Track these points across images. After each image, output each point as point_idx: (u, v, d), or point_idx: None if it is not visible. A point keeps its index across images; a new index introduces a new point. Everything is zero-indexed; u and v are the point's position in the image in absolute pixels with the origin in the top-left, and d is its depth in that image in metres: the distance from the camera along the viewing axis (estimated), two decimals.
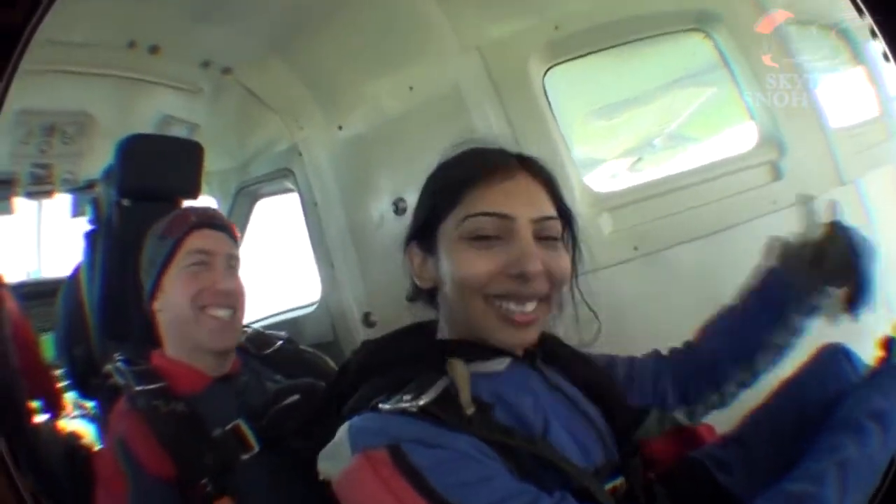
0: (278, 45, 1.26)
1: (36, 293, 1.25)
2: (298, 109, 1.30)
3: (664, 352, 0.86)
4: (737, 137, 1.22)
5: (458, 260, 0.66)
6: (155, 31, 1.24)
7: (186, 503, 0.84)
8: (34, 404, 1.04)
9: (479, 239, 0.65)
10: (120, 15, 1.22)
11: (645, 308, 1.09)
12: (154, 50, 1.27)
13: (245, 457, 0.88)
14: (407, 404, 0.60)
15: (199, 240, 0.97)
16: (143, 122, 1.34)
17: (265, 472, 0.89)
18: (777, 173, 1.18)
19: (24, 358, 0.95)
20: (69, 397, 1.15)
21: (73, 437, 1.06)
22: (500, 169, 0.67)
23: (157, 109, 1.34)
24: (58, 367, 1.16)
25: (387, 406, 0.61)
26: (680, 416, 0.81)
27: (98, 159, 1.28)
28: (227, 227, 1.02)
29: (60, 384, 1.14)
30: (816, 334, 0.80)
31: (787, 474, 0.62)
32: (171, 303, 0.96)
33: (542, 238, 0.66)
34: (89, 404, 1.13)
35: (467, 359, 0.64)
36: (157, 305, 0.98)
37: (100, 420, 1.05)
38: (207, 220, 1.00)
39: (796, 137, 1.17)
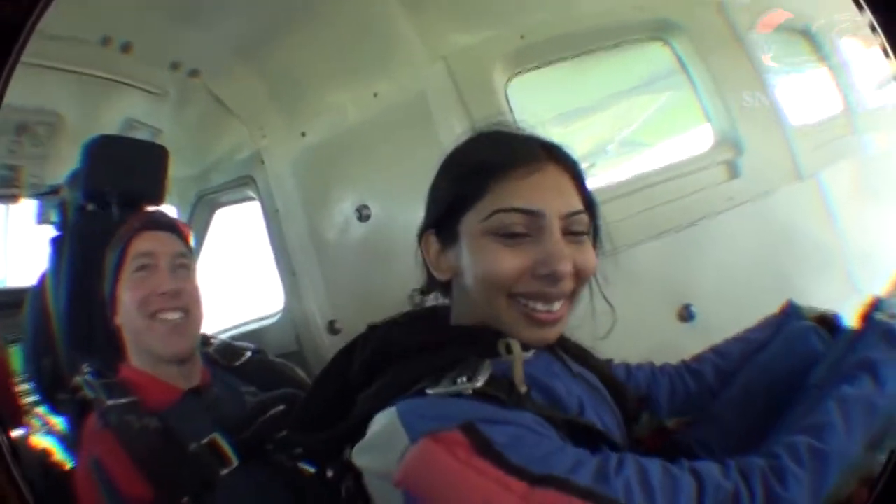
0: (246, 51, 1.27)
1: (2, 303, 1.22)
2: (262, 116, 1.30)
3: (657, 364, 0.85)
4: (691, 141, 1.25)
5: (483, 256, 0.63)
6: (130, 28, 1.24)
7: None
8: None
9: (508, 236, 0.62)
10: (97, 8, 1.22)
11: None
12: (126, 48, 1.26)
13: (224, 472, 0.86)
14: (461, 387, 0.57)
15: (142, 242, 0.96)
16: (109, 124, 1.33)
17: (245, 486, 0.87)
18: (734, 171, 1.20)
19: None
20: (39, 412, 1.10)
21: (45, 455, 1.02)
22: (530, 158, 0.64)
23: (121, 112, 1.33)
24: (26, 380, 1.12)
25: (438, 390, 0.58)
26: (669, 423, 0.81)
27: (64, 163, 1.26)
28: (171, 225, 1.01)
29: (23, 397, 1.10)
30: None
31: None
32: (125, 313, 0.95)
33: (570, 233, 0.63)
34: (57, 420, 1.08)
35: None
36: (118, 320, 0.96)
37: (68, 437, 1.01)
38: (150, 222, 0.99)
39: (753, 136, 1.20)
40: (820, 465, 0.56)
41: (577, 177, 0.67)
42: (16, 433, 0.98)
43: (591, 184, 1.22)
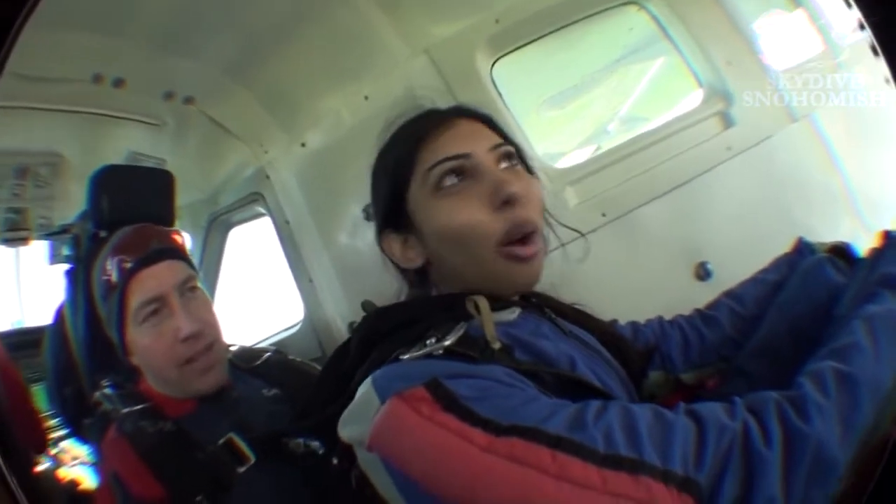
0: (235, 71, 1.29)
1: (21, 343, 1.22)
2: (261, 133, 1.33)
3: (667, 318, 0.84)
4: (686, 107, 1.26)
5: (442, 215, 0.65)
6: (118, 64, 1.27)
7: None
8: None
9: (451, 185, 0.65)
10: (84, 48, 1.24)
11: (620, 271, 1.10)
12: (119, 83, 1.28)
13: (241, 469, 0.86)
14: (431, 347, 0.58)
15: (142, 286, 0.89)
16: (111, 159, 1.34)
17: (263, 482, 0.86)
18: (728, 121, 1.21)
19: (13, 400, 0.94)
20: (66, 445, 1.11)
21: (73, 485, 1.03)
22: (439, 120, 0.69)
23: (123, 146, 1.36)
24: (51, 416, 1.13)
25: (410, 354, 0.58)
26: (686, 377, 0.79)
27: (71, 201, 1.28)
28: (166, 251, 0.93)
29: (51, 431, 1.11)
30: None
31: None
32: (147, 363, 0.91)
33: (506, 164, 0.67)
34: (85, 450, 1.08)
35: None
36: (134, 360, 0.92)
37: (95, 463, 1.01)
38: (143, 258, 0.91)
39: (741, 84, 1.21)
40: (849, 392, 0.49)
41: (490, 124, 0.71)
42: (40, 468, 1.03)
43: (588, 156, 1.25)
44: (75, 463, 1.08)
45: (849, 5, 0.72)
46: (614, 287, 1.01)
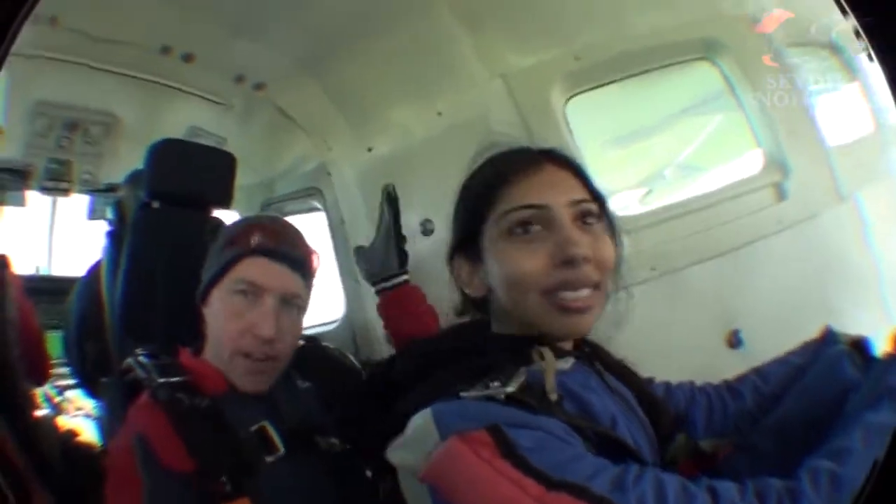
0: (312, 66, 1.29)
1: (44, 289, 1.24)
2: (328, 130, 1.33)
3: (698, 383, 0.88)
4: (744, 164, 1.30)
5: (505, 259, 0.68)
6: (191, 39, 1.26)
7: (202, 500, 0.81)
8: (38, 397, 1.06)
9: (522, 233, 0.67)
10: (157, 17, 1.24)
11: (656, 328, 1.15)
12: (188, 58, 1.28)
13: (269, 459, 0.86)
14: (493, 391, 0.61)
15: (251, 269, 0.89)
16: (170, 130, 1.34)
17: (289, 475, 0.87)
18: (781, 194, 1.26)
19: (26, 343, 0.94)
20: (71, 395, 1.15)
21: (70, 434, 1.06)
22: (528, 164, 0.71)
23: (185, 119, 1.35)
24: (64, 364, 1.15)
25: (472, 393, 0.61)
26: (706, 445, 0.84)
27: (120, 163, 1.29)
28: (294, 259, 0.92)
29: (56, 379, 1.14)
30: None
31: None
32: (211, 325, 0.93)
33: (581, 222, 0.68)
34: (91, 404, 1.12)
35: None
36: (204, 310, 0.94)
37: (103, 419, 1.05)
38: (270, 249, 0.90)
39: (799, 158, 1.25)
40: (835, 492, 0.57)
41: (578, 173, 0.72)
42: (40, 413, 1.05)
43: (646, 208, 1.29)
44: (78, 414, 1.12)
45: (844, 13, 0.75)
46: (647, 342, 1.06)
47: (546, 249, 0.66)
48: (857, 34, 0.74)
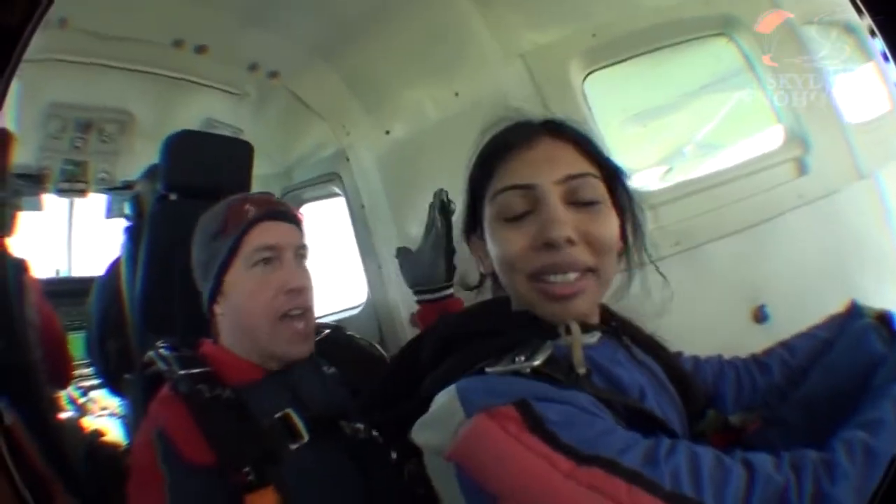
0: (325, 51, 1.29)
1: (64, 292, 1.25)
2: (345, 115, 1.33)
3: (725, 357, 0.87)
4: (762, 141, 1.29)
5: (496, 241, 0.66)
6: (203, 31, 1.25)
7: (226, 492, 0.79)
8: (62, 399, 1.06)
9: (510, 215, 0.65)
10: (167, 12, 1.23)
11: (681, 303, 1.15)
12: (201, 50, 1.27)
13: (293, 446, 0.85)
14: (519, 365, 0.59)
15: (263, 234, 0.90)
16: (186, 123, 1.34)
17: (313, 462, 0.86)
18: (803, 168, 1.25)
19: (48, 347, 0.94)
20: (96, 395, 1.15)
21: (96, 435, 1.06)
22: (523, 138, 0.67)
23: (199, 112, 1.35)
24: (87, 365, 1.16)
25: (497, 368, 0.60)
26: (735, 419, 0.82)
27: (137, 160, 1.28)
28: (290, 215, 0.96)
29: (80, 378, 1.15)
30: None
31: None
32: (239, 309, 0.91)
33: (576, 202, 0.64)
34: (116, 402, 1.13)
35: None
36: (218, 309, 0.93)
37: (128, 417, 1.05)
38: (269, 211, 0.93)
39: (819, 134, 1.24)
40: (869, 464, 0.55)
41: (581, 145, 0.68)
42: (64, 415, 1.05)
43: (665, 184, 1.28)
44: (103, 413, 1.13)
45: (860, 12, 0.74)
46: (672, 317, 1.07)
47: (530, 230, 0.64)
48: (873, 33, 0.73)
